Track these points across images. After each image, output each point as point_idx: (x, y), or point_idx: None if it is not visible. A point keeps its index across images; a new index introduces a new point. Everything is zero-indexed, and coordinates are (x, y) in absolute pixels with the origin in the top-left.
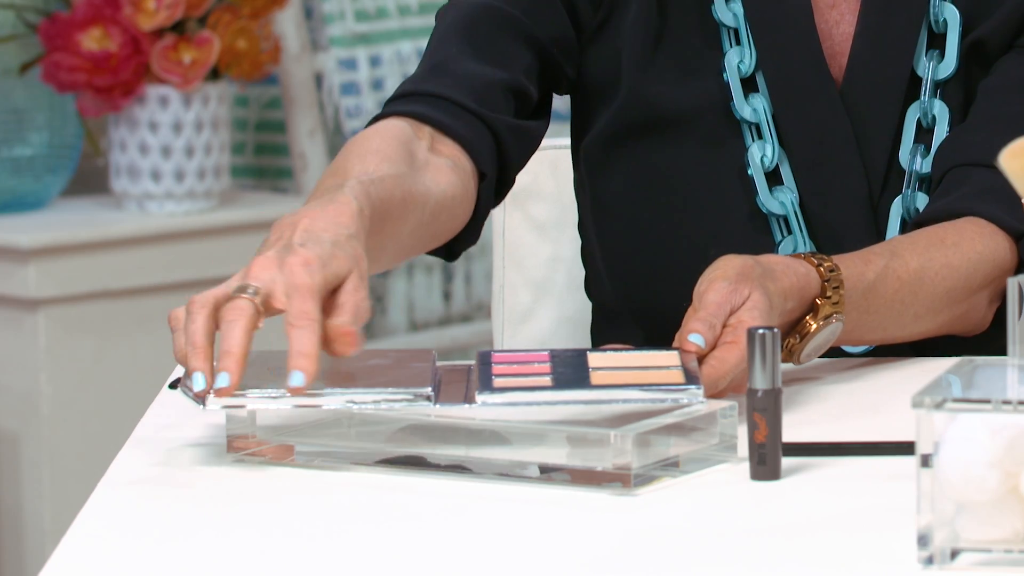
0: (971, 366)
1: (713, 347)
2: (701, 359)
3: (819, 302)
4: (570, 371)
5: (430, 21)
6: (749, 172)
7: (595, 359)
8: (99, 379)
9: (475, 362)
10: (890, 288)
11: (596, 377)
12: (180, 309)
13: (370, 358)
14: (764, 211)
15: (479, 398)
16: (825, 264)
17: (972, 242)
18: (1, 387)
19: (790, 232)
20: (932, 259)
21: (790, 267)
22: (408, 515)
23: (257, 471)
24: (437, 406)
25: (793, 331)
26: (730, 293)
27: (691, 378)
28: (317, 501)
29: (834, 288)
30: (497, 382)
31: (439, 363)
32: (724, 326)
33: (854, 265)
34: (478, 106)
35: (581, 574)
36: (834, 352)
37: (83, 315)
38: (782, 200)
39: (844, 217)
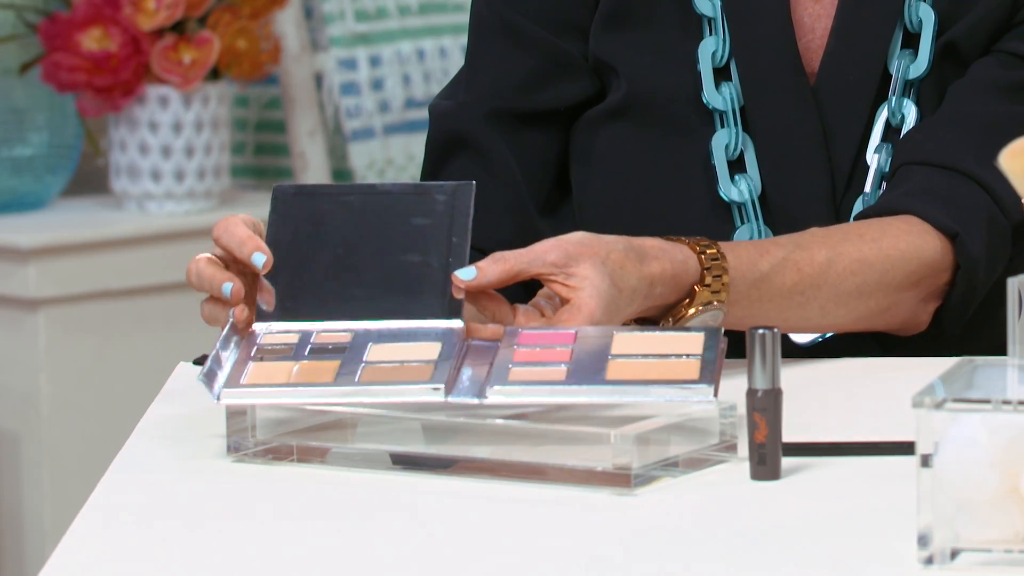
0: (971, 366)
1: (496, 286)
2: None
3: (696, 289)
4: (588, 361)
5: (430, 21)
6: (713, 162)
7: (620, 343)
8: (99, 379)
9: (502, 343)
10: (788, 280)
11: (612, 369)
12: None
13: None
14: (725, 199)
15: (490, 394)
16: (708, 252)
17: (895, 239)
18: (1, 387)
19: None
20: (843, 253)
21: (666, 252)
22: (408, 515)
23: (257, 471)
24: (448, 399)
25: (667, 315)
26: (560, 254)
27: (706, 372)
28: (317, 501)
29: (715, 276)
30: (513, 373)
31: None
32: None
33: (747, 255)
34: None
35: (581, 574)
36: (794, 349)
37: (83, 315)
38: (741, 188)
39: (805, 211)
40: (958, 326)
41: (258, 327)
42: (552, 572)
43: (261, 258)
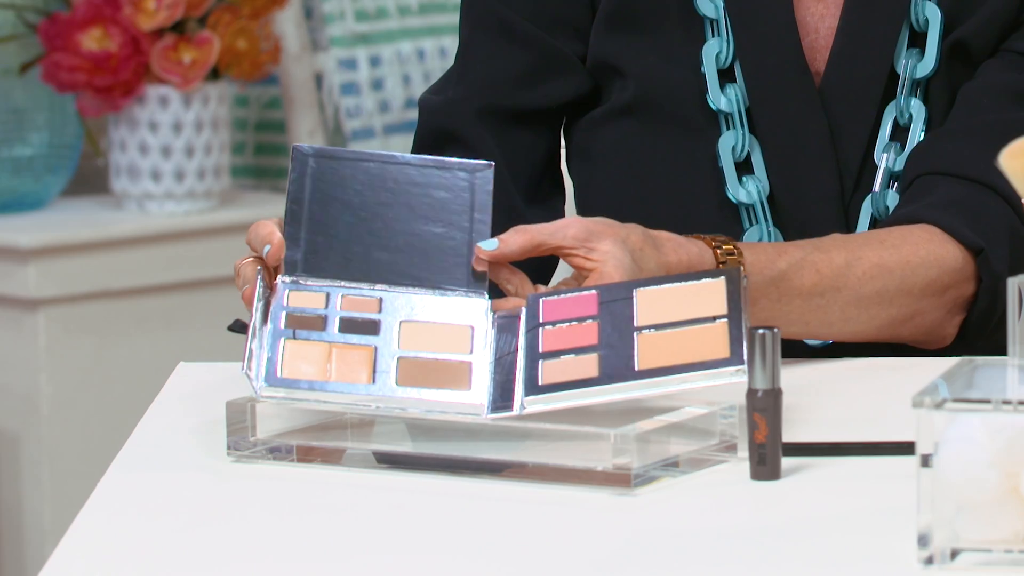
0: (971, 366)
1: (516, 259)
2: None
3: None
4: (617, 340)
5: (430, 21)
6: (720, 164)
7: (643, 305)
8: (99, 379)
9: (524, 317)
10: (807, 280)
11: (642, 350)
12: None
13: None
14: (733, 201)
15: (527, 404)
16: (724, 247)
17: (915, 246)
18: (1, 387)
19: (758, 222)
20: (862, 257)
21: (682, 245)
22: (408, 515)
23: (257, 471)
24: (488, 416)
25: None
26: (582, 229)
27: (735, 346)
28: (317, 501)
29: None
30: (545, 371)
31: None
32: (585, 273)
33: (764, 253)
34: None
35: (581, 574)
36: (794, 349)
37: (83, 315)
38: (750, 189)
39: (814, 211)
40: (980, 340)
41: (282, 280)
42: (552, 572)
43: (267, 248)
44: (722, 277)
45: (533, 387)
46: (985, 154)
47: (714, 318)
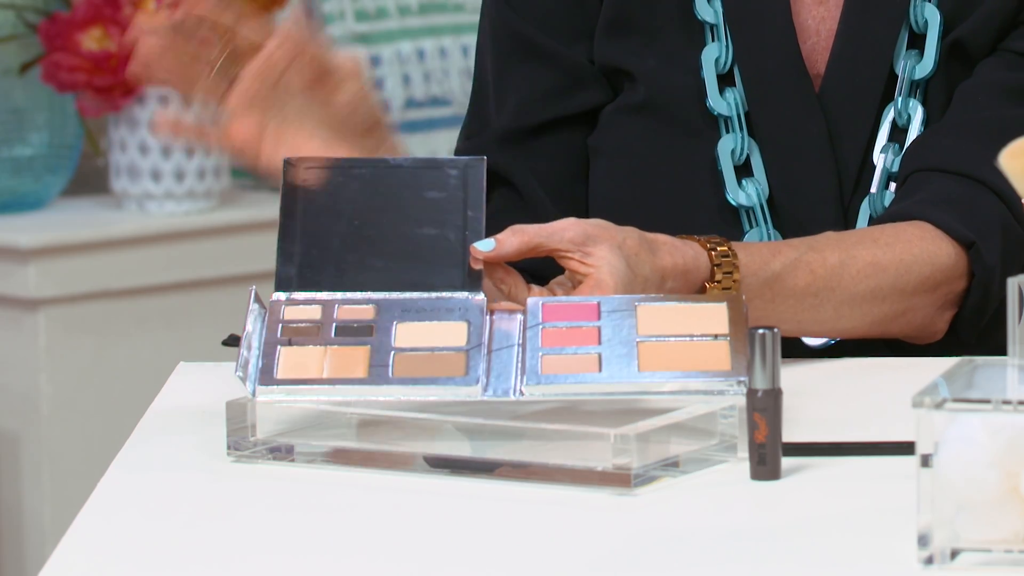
0: (971, 366)
1: (513, 258)
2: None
3: (708, 286)
4: (618, 344)
5: (430, 21)
6: (719, 167)
7: (644, 318)
8: (99, 379)
9: (526, 319)
10: (800, 280)
11: (644, 355)
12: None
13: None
14: (733, 204)
15: (526, 391)
16: (719, 249)
17: (908, 244)
18: (1, 387)
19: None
20: (856, 256)
21: (678, 248)
22: (408, 515)
23: (257, 471)
24: (484, 396)
25: None
26: (579, 232)
27: (738, 361)
28: (317, 501)
29: (726, 273)
30: (545, 363)
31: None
32: (580, 277)
33: (759, 254)
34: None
35: (581, 574)
36: (794, 349)
37: (83, 315)
38: (749, 192)
39: (813, 213)
40: (973, 335)
41: (278, 296)
42: (552, 572)
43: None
44: (724, 303)
45: (533, 375)
46: (980, 150)
47: (715, 336)
